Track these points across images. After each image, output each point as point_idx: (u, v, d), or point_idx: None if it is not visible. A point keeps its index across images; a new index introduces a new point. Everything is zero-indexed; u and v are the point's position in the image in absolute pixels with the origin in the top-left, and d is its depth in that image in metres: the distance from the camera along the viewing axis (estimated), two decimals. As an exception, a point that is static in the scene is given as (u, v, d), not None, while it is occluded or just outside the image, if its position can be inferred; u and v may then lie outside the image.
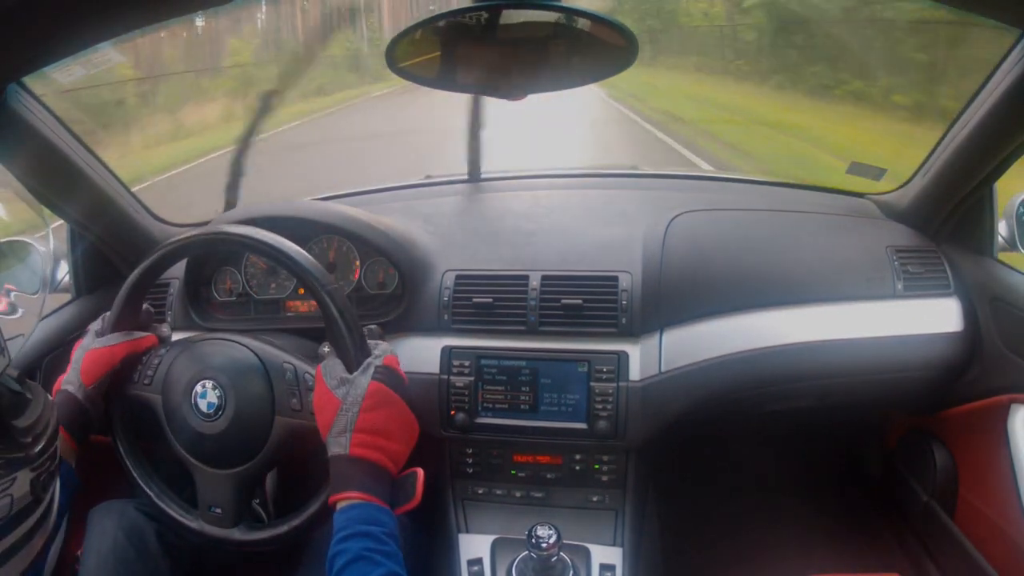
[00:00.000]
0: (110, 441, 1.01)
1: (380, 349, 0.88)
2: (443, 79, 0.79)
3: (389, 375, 0.85)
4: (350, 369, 0.85)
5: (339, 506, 0.79)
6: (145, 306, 1.03)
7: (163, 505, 0.97)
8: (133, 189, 1.30)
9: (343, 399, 0.82)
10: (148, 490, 0.97)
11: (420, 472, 0.83)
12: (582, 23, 0.70)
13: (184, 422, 0.93)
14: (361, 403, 0.81)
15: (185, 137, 7.75)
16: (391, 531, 0.77)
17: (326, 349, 0.92)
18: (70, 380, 0.94)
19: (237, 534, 0.94)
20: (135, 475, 0.98)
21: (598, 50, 0.72)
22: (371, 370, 0.84)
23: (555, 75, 0.77)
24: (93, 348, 0.96)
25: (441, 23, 0.70)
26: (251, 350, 0.97)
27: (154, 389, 0.95)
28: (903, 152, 1.41)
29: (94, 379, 0.93)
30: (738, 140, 6.41)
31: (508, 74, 0.76)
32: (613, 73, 0.77)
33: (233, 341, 0.98)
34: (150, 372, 0.96)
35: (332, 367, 0.86)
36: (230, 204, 1.48)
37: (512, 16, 0.69)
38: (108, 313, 1.00)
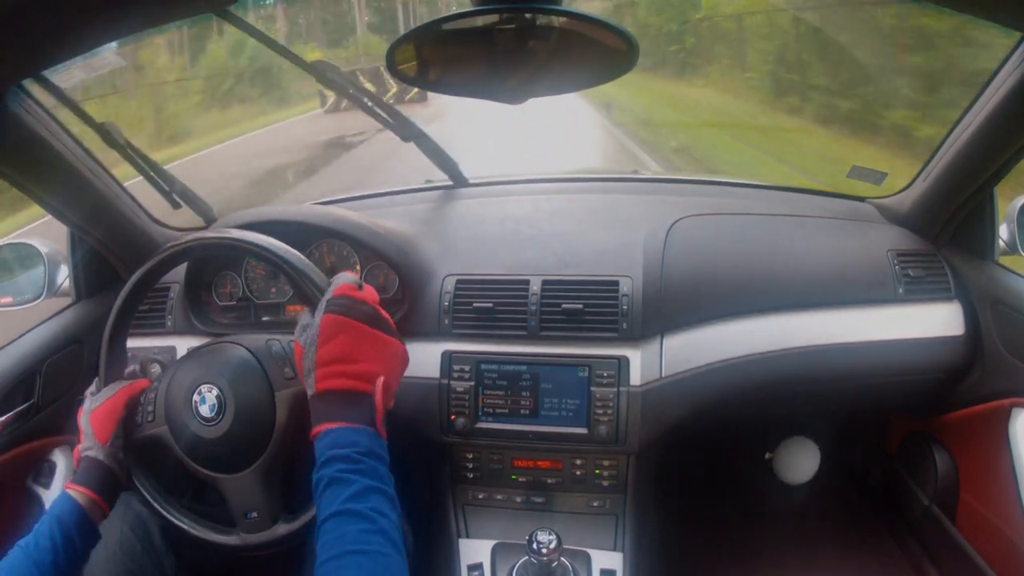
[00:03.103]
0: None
1: (335, 282, 0.85)
2: (443, 83, 0.79)
3: (341, 303, 0.81)
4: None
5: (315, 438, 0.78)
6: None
7: (201, 535, 0.94)
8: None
9: (305, 343, 0.81)
10: (182, 524, 0.95)
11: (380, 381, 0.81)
12: (582, 27, 0.70)
13: (194, 438, 0.91)
14: (317, 339, 0.80)
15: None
16: (367, 449, 0.74)
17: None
18: (87, 446, 0.92)
19: (279, 530, 0.92)
20: (166, 515, 0.95)
21: (598, 54, 0.72)
22: (323, 306, 0.82)
23: (555, 79, 0.77)
24: (95, 408, 0.94)
25: (441, 27, 0.70)
26: (235, 342, 0.96)
27: (158, 422, 0.94)
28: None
29: (108, 435, 0.91)
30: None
31: (508, 78, 0.75)
32: (613, 77, 0.76)
33: (219, 342, 0.98)
34: (150, 408, 0.95)
35: (302, 321, 0.85)
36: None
37: (512, 20, 0.69)
38: (98, 378, 0.99)
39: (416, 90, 9.70)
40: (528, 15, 0.68)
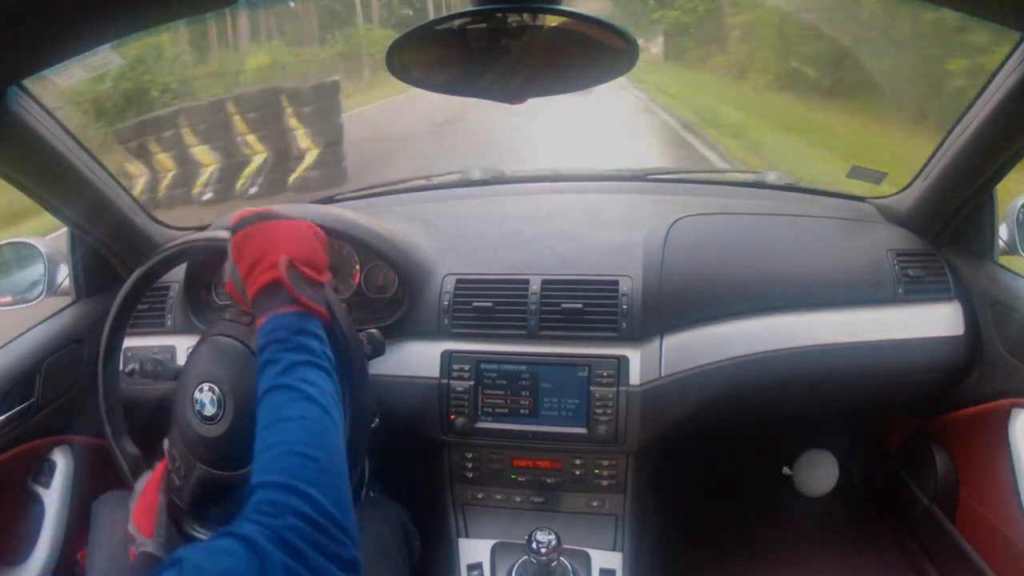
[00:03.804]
0: (104, 442, 1.00)
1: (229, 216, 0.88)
2: (442, 82, 0.79)
3: (235, 225, 0.84)
4: None
5: None
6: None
7: None
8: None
9: (232, 276, 0.83)
10: None
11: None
12: (582, 27, 0.70)
13: (213, 447, 0.90)
14: (234, 264, 0.82)
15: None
16: (297, 328, 0.75)
17: None
18: (139, 543, 0.91)
19: None
20: None
21: (598, 54, 0.72)
22: (229, 238, 0.84)
23: (554, 79, 0.77)
24: (133, 509, 0.93)
25: (441, 27, 0.70)
26: (211, 335, 0.96)
27: (188, 469, 0.93)
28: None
29: (152, 528, 0.91)
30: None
31: (507, 78, 0.75)
32: (613, 77, 0.76)
33: (194, 348, 0.98)
34: (178, 464, 0.94)
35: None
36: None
37: (511, 20, 0.69)
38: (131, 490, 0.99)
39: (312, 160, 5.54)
40: (528, 15, 0.68)
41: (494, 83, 0.78)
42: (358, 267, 1.24)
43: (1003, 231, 1.20)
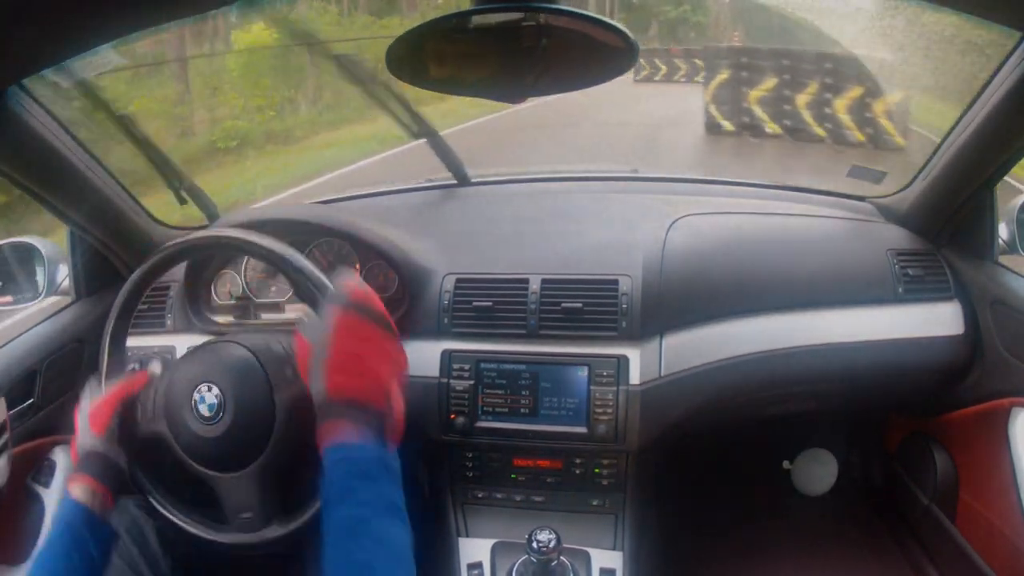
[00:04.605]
0: None
1: (340, 280, 0.81)
2: (442, 82, 0.79)
3: (354, 304, 0.77)
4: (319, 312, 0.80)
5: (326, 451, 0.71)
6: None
7: (194, 530, 0.94)
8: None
9: (314, 341, 0.76)
10: (175, 519, 0.95)
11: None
12: (582, 26, 0.70)
13: (193, 436, 0.90)
14: (329, 340, 0.74)
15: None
16: (375, 457, 0.71)
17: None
18: (82, 440, 0.90)
19: (271, 531, 0.92)
20: (161, 510, 0.95)
21: (598, 53, 0.72)
22: (334, 303, 0.77)
23: (554, 78, 0.77)
24: (91, 402, 0.93)
25: (442, 26, 0.70)
26: (235, 342, 0.95)
27: (158, 418, 0.94)
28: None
29: (102, 427, 0.89)
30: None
31: (507, 77, 0.76)
32: (613, 76, 0.77)
33: (219, 341, 0.98)
34: (150, 405, 0.94)
35: (307, 318, 0.82)
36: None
37: (512, 19, 0.69)
38: (94, 377, 0.98)
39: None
40: (527, 15, 0.69)
41: (492, 82, 0.78)
42: (358, 267, 1.24)
43: (1003, 231, 1.20)
